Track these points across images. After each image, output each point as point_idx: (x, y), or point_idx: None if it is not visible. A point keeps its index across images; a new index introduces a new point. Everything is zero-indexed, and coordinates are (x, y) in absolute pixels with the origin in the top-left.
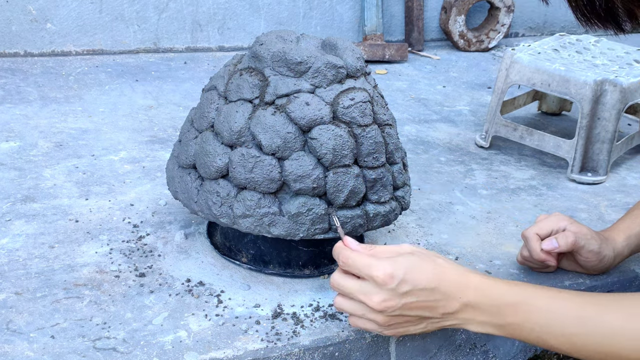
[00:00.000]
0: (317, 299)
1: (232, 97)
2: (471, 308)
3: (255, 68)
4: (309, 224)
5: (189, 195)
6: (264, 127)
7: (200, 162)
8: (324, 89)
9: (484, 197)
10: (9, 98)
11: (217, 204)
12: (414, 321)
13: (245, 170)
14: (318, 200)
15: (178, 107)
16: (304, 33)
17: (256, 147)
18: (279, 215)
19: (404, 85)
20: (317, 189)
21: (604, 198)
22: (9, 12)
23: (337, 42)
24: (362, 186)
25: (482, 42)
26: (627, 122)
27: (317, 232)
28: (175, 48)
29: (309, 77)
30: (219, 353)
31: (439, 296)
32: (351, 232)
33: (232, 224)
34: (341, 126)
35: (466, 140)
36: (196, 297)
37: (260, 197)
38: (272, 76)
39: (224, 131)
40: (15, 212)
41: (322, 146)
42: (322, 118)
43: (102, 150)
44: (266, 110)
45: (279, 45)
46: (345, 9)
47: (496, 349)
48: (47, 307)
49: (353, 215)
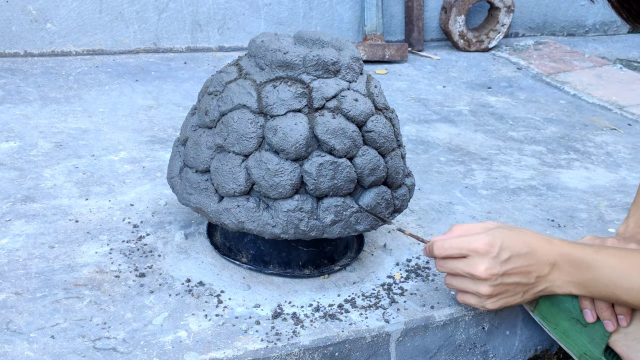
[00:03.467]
0: (317, 299)
1: (277, 111)
2: (557, 269)
3: (289, 77)
4: (384, 210)
5: (263, 221)
6: (332, 132)
7: (265, 185)
8: (356, 83)
9: (484, 197)
10: (9, 98)
11: (304, 220)
12: (512, 290)
13: (328, 179)
14: (384, 188)
15: (178, 107)
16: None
17: (329, 154)
18: (361, 211)
19: (404, 85)
20: (384, 177)
21: (604, 198)
22: (9, 12)
23: (320, 37)
24: (404, 166)
25: (482, 42)
26: (627, 122)
27: (391, 216)
28: (175, 48)
29: (343, 75)
30: (219, 353)
31: (533, 260)
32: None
33: (321, 235)
34: (381, 113)
35: (466, 140)
36: (196, 297)
37: (343, 200)
38: (313, 81)
39: (289, 147)
40: (15, 212)
41: (379, 136)
42: (371, 110)
43: (102, 150)
44: (324, 115)
45: (300, 49)
46: (345, 9)
47: (496, 349)
48: (47, 307)
49: (403, 195)
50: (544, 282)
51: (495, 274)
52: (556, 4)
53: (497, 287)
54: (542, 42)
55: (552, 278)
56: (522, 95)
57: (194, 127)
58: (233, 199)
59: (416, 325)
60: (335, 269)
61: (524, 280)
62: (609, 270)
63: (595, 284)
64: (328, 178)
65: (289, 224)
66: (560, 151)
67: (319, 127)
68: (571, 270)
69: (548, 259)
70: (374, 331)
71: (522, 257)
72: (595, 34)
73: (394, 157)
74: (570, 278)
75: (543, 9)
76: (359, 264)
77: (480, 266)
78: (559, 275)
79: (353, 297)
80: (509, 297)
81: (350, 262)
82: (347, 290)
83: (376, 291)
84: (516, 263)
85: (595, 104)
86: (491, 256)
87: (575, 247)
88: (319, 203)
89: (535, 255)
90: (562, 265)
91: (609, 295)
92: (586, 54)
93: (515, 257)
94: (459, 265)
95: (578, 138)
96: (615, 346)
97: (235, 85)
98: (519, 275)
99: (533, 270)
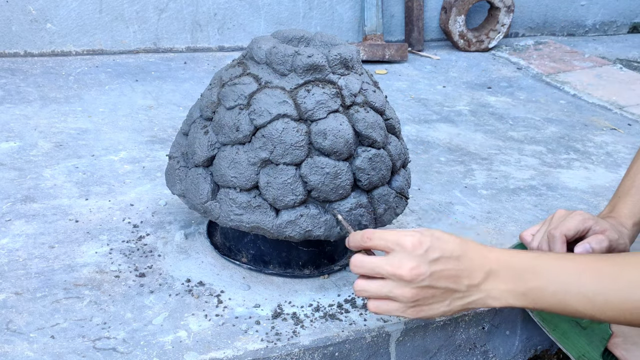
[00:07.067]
0: (317, 299)
1: (319, 115)
2: (493, 277)
3: (318, 79)
4: (407, 189)
5: (329, 225)
6: (371, 126)
7: (325, 189)
8: (365, 75)
9: (484, 197)
10: (9, 98)
11: (364, 215)
12: (439, 296)
13: (377, 171)
14: (404, 170)
15: (178, 107)
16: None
17: (373, 147)
18: (396, 195)
19: (404, 85)
20: (406, 158)
21: (603, 198)
22: (9, 12)
23: (303, 34)
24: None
25: (482, 42)
26: (627, 122)
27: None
28: (175, 48)
29: (356, 69)
30: (219, 353)
31: (465, 265)
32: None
33: (375, 226)
34: (388, 101)
35: (466, 140)
36: (196, 297)
37: (387, 188)
38: (339, 80)
39: (341, 147)
40: (15, 212)
41: (396, 122)
42: (385, 99)
43: (102, 150)
44: (359, 112)
45: (321, 49)
46: (345, 9)
47: (496, 349)
48: (47, 307)
49: (409, 173)
50: (476, 292)
51: (421, 274)
52: (556, 4)
53: (422, 290)
54: (542, 42)
55: (487, 288)
56: (522, 95)
57: (218, 146)
58: (292, 210)
59: (416, 325)
60: (335, 269)
61: (452, 286)
62: (555, 275)
63: (540, 292)
64: (377, 170)
65: (352, 222)
66: (560, 151)
67: (360, 123)
68: (511, 279)
69: (482, 266)
70: (374, 331)
71: (453, 260)
72: (595, 34)
73: (402, 138)
74: (511, 287)
75: (543, 9)
76: None
77: (405, 264)
78: (495, 284)
79: (353, 297)
80: (433, 303)
81: None
82: (347, 290)
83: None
84: (446, 265)
85: (595, 104)
86: (418, 253)
87: (517, 254)
88: (370, 196)
89: (467, 259)
90: (500, 273)
91: (556, 304)
92: (586, 54)
93: (445, 258)
94: (379, 263)
95: (578, 138)
96: (614, 349)
97: (264, 96)
98: (448, 279)
99: (464, 276)
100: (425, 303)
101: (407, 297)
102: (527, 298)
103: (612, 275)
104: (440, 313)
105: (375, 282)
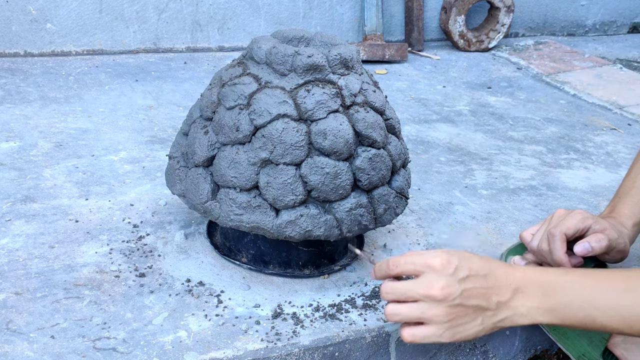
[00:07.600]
0: (317, 299)
1: (319, 115)
2: (520, 293)
3: (318, 79)
4: (407, 189)
5: (330, 225)
6: (371, 126)
7: (325, 189)
8: (365, 75)
9: (484, 197)
10: (9, 98)
11: (364, 215)
12: (471, 314)
13: (377, 171)
14: (404, 170)
15: (178, 107)
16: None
17: (373, 147)
18: (396, 195)
19: (404, 85)
20: (406, 158)
21: (603, 198)
22: (9, 12)
23: (303, 34)
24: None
25: (482, 42)
26: (627, 122)
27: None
28: (175, 48)
29: (356, 69)
30: (219, 353)
31: (492, 282)
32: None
33: (375, 226)
34: (388, 101)
35: (466, 140)
36: (196, 297)
37: (387, 188)
38: (339, 80)
39: (341, 147)
40: (15, 212)
41: (396, 122)
42: (385, 99)
43: (102, 150)
44: (359, 112)
45: (321, 49)
46: (345, 9)
47: (496, 349)
48: (47, 307)
49: (409, 172)
50: (505, 310)
51: (452, 293)
52: (556, 4)
53: (454, 308)
54: (542, 42)
55: (515, 305)
56: (522, 95)
57: (218, 146)
58: (292, 210)
59: None
60: (335, 269)
61: (483, 304)
62: (582, 290)
63: (567, 308)
64: (377, 170)
65: (352, 222)
66: (560, 151)
67: (360, 124)
68: (538, 295)
69: (510, 283)
70: (374, 331)
71: (481, 278)
72: (595, 34)
73: (402, 138)
74: (538, 304)
75: (543, 9)
76: (359, 264)
77: (435, 284)
78: (523, 301)
79: (353, 297)
80: (466, 323)
81: (350, 262)
82: (347, 290)
83: (376, 291)
84: (475, 283)
85: (595, 104)
86: (448, 273)
87: (541, 269)
88: (370, 196)
89: (494, 277)
90: (528, 290)
91: (584, 319)
92: (586, 54)
93: (473, 276)
94: (411, 287)
95: (578, 138)
96: (614, 348)
97: (264, 96)
98: (478, 297)
99: (493, 293)
100: (458, 323)
101: (440, 318)
102: (554, 314)
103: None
104: (474, 333)
105: (406, 304)
